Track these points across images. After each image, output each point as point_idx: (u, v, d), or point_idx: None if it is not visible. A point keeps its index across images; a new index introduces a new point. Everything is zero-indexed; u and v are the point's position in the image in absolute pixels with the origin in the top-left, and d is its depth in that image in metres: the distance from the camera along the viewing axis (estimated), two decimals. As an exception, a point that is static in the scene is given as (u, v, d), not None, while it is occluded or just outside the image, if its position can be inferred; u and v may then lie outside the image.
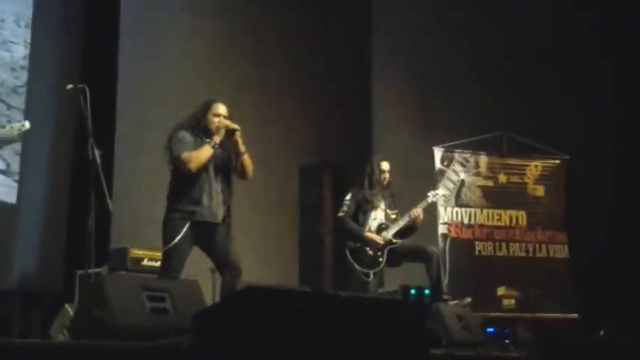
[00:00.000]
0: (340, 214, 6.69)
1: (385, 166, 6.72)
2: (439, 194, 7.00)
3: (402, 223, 6.62)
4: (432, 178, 8.04)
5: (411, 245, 6.68)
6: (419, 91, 9.32)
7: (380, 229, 6.64)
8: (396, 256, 6.64)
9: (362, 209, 6.66)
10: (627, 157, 8.37)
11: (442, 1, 9.33)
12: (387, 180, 6.70)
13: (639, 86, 8.41)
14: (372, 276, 6.51)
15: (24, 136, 5.27)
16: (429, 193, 6.82)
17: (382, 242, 6.55)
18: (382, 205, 6.71)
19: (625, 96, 8.47)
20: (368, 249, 6.58)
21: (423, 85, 9.28)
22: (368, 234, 6.58)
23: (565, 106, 8.67)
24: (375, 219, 6.68)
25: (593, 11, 8.70)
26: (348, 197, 6.71)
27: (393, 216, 6.69)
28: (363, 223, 6.63)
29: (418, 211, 6.62)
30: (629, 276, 7.95)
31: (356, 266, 6.55)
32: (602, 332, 6.41)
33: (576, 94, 8.63)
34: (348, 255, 6.60)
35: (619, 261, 8.06)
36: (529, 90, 8.81)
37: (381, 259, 6.56)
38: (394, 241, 6.59)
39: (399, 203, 6.80)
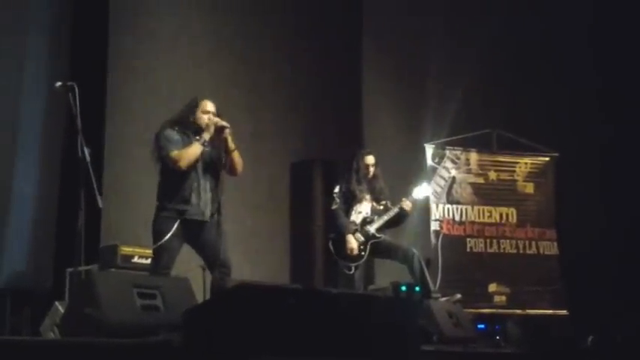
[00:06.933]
0: (334, 206, 6.71)
1: (370, 160, 6.75)
2: (422, 193, 6.86)
3: (386, 217, 6.64)
4: (424, 175, 8.04)
5: (393, 245, 6.70)
6: (409, 88, 9.32)
7: (364, 222, 6.66)
8: (379, 250, 6.69)
9: (349, 203, 6.69)
10: (615, 153, 8.39)
11: (432, 0, 9.33)
12: (372, 173, 6.74)
13: (628, 83, 8.43)
14: (353, 269, 6.55)
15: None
16: (415, 189, 6.77)
17: (356, 252, 6.56)
18: (368, 197, 6.72)
19: (614, 93, 8.49)
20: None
21: (414, 82, 9.28)
22: (349, 236, 6.58)
23: (554, 103, 8.69)
24: (360, 212, 6.69)
25: (583, 8, 8.72)
26: (336, 190, 6.74)
27: (381, 207, 6.70)
28: (348, 217, 6.67)
29: (407, 204, 6.63)
30: (618, 272, 7.98)
31: (338, 259, 6.61)
32: (589, 340, 6.39)
33: (565, 91, 8.65)
34: (331, 247, 6.67)
35: (608, 257, 8.09)
36: (519, 87, 8.82)
37: (363, 253, 6.58)
38: (377, 235, 6.61)
39: (389, 194, 6.79)
